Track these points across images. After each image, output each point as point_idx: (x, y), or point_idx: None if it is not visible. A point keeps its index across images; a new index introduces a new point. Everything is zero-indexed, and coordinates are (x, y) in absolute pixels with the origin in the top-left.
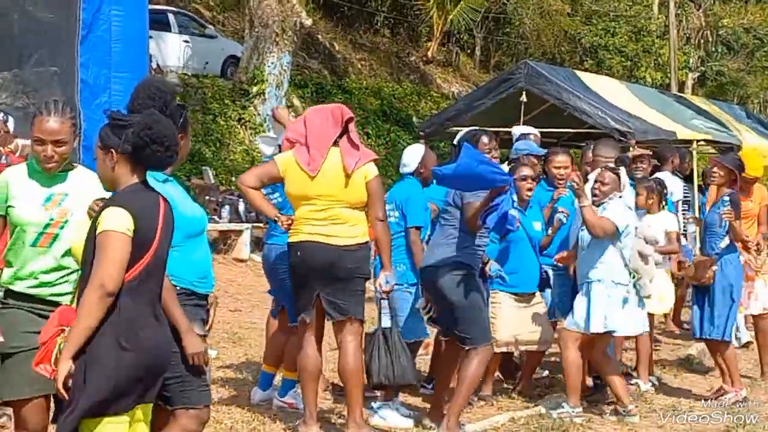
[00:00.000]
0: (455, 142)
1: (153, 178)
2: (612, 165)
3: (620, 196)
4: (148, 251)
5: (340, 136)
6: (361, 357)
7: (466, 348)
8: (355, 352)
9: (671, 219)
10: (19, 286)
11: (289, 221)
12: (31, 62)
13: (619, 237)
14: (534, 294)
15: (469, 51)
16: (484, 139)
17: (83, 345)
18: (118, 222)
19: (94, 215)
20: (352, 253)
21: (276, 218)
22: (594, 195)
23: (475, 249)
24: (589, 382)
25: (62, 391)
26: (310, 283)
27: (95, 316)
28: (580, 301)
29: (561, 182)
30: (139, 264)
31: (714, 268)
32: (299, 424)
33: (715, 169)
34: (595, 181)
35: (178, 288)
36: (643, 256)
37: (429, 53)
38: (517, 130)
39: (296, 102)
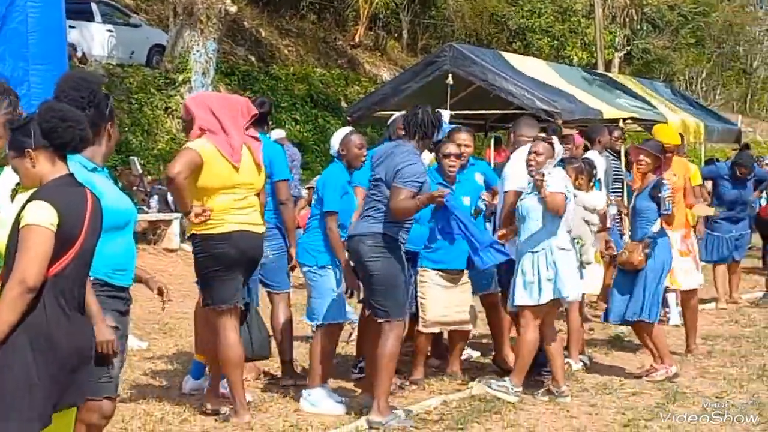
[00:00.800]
0: (388, 123)
1: (81, 166)
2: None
3: (555, 165)
4: (73, 247)
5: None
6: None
7: (379, 320)
8: None
9: (600, 198)
10: None
11: (205, 213)
12: None
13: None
14: (462, 272)
15: (396, 34)
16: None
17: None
18: (41, 216)
19: (18, 209)
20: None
21: (187, 212)
22: (529, 166)
23: (401, 224)
24: None
25: None
26: (239, 271)
27: (17, 311)
28: (527, 274)
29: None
30: (62, 259)
31: (646, 251)
32: (230, 414)
33: (641, 157)
34: (529, 153)
35: (91, 278)
36: (587, 222)
37: (356, 37)
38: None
39: (223, 90)
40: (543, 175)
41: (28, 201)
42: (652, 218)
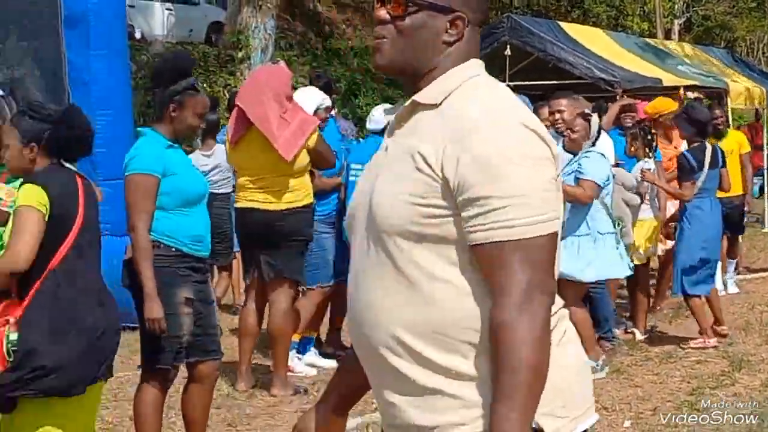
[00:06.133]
0: None
1: (158, 143)
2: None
3: (592, 145)
4: (72, 229)
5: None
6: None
7: None
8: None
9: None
10: None
11: None
12: (13, 38)
13: (601, 191)
14: None
15: None
16: None
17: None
18: (31, 198)
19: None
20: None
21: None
22: (556, 126)
23: None
24: None
25: None
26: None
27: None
28: (570, 256)
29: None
30: (65, 244)
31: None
32: (306, 388)
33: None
34: (551, 113)
35: (173, 249)
36: (626, 203)
37: None
38: None
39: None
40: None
41: (20, 186)
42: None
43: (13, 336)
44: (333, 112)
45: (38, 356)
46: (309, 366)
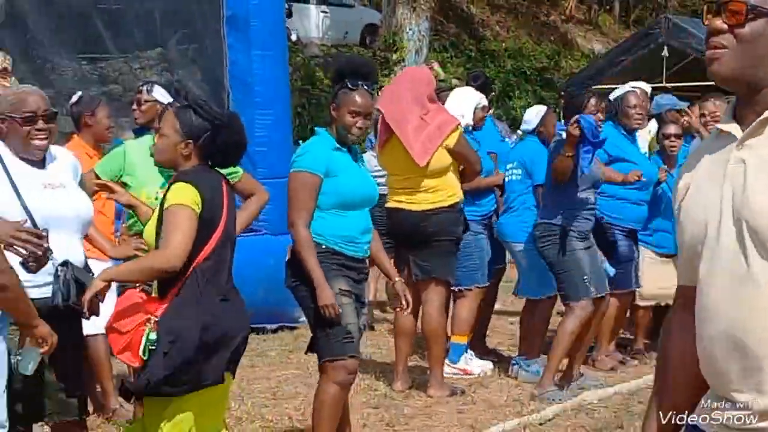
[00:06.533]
0: (611, 98)
1: (326, 144)
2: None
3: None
4: (217, 230)
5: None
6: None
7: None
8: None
9: None
10: None
11: None
12: (174, 41)
13: None
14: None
15: (608, 7)
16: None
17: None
18: (185, 196)
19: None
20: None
21: None
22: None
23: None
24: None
25: (86, 305)
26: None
27: (144, 276)
28: None
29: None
30: (209, 243)
31: None
32: (463, 389)
33: None
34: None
35: (323, 246)
36: None
37: (568, 11)
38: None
39: (436, 67)
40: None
41: (170, 184)
42: None
43: (153, 336)
44: (490, 112)
45: (178, 354)
46: (484, 363)
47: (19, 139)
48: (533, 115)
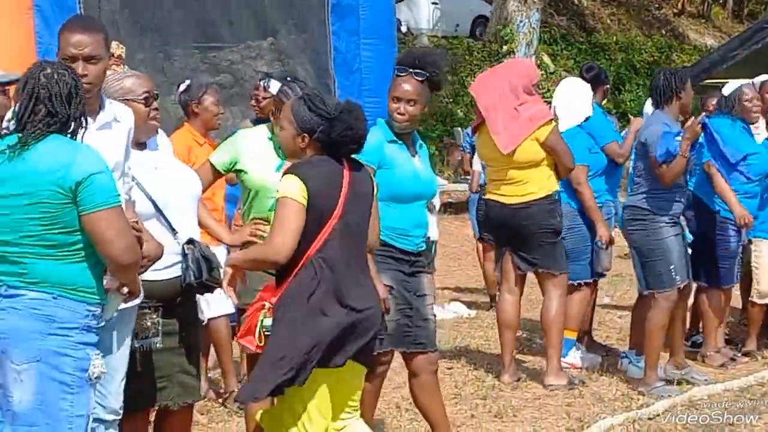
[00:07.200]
0: (726, 93)
1: (382, 136)
2: None
3: None
4: (329, 221)
5: None
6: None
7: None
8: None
9: None
10: None
11: None
12: (283, 31)
13: None
14: None
15: (721, 1)
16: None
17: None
18: (291, 189)
19: None
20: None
21: None
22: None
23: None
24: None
25: (225, 289)
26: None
27: (255, 268)
28: None
29: None
30: (321, 234)
31: None
32: (575, 381)
33: None
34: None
35: None
36: None
37: (680, 5)
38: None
39: (546, 60)
40: None
41: (283, 175)
42: None
43: (267, 321)
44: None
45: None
46: (592, 356)
47: (140, 120)
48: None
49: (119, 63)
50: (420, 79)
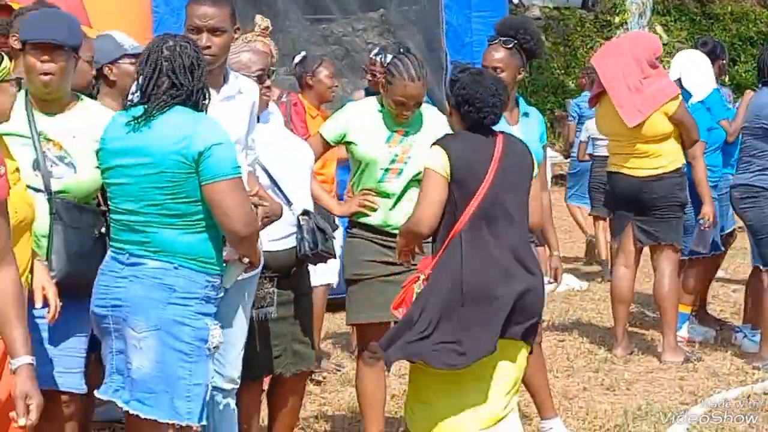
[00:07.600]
0: None
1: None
2: None
3: None
4: (476, 195)
5: None
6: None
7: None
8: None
9: None
10: (363, 218)
11: None
12: (394, 3)
13: None
14: None
15: None
16: None
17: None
18: (434, 161)
19: None
20: None
21: None
22: None
23: None
24: None
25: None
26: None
27: (407, 238)
28: None
29: None
30: (468, 208)
31: None
32: (698, 357)
33: None
34: None
35: None
36: None
37: None
38: None
39: (659, 30)
40: None
41: (432, 146)
42: None
43: (419, 291)
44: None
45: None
46: (706, 330)
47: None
48: None
49: (266, 34)
50: (508, 46)
